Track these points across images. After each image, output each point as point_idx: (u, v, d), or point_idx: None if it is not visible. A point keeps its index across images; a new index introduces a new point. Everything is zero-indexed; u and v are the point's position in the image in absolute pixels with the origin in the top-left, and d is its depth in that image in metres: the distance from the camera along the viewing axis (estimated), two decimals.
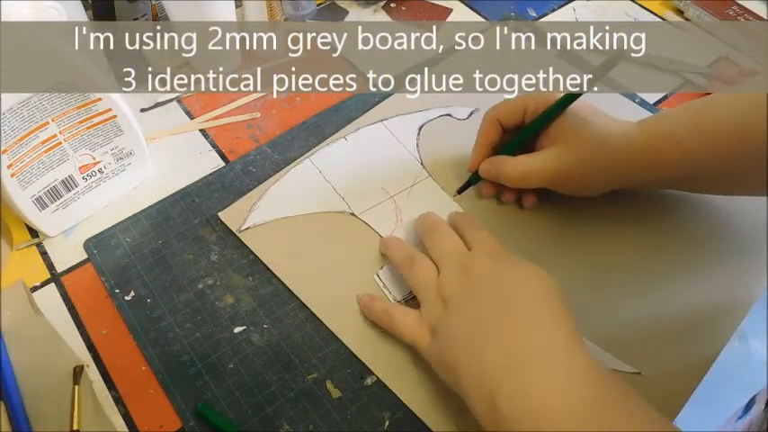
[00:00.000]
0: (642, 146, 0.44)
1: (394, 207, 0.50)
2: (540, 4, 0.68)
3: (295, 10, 0.65)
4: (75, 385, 0.41)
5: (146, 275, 0.47)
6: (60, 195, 0.48)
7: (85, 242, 0.49)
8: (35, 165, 0.45)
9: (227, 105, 0.58)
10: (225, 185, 0.52)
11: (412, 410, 0.40)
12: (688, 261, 0.47)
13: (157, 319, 0.44)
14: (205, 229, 0.49)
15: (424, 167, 0.53)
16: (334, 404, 0.41)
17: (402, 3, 0.68)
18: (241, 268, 0.47)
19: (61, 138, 0.45)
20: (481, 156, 0.49)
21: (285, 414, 0.41)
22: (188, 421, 0.40)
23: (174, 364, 0.42)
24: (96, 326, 0.45)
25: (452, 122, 0.56)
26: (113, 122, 0.47)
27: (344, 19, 0.67)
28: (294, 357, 0.43)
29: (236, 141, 0.56)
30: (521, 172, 0.46)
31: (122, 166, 0.51)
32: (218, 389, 0.42)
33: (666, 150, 0.44)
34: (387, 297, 0.45)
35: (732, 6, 0.66)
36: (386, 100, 0.58)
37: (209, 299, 0.45)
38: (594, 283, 0.46)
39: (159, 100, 0.58)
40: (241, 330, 0.44)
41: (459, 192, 0.50)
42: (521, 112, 0.47)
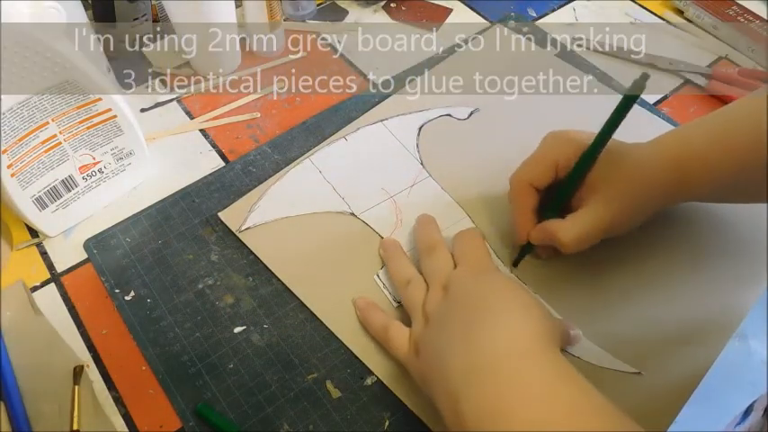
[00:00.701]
0: (671, 170, 0.43)
1: (394, 207, 0.50)
2: (540, 4, 0.68)
3: (295, 10, 0.66)
4: (76, 385, 0.41)
5: (146, 275, 0.47)
6: (60, 195, 0.48)
7: (85, 242, 0.49)
8: (35, 165, 0.45)
9: (227, 105, 0.58)
10: (225, 185, 0.52)
11: (412, 410, 0.40)
12: (688, 261, 0.47)
13: (157, 319, 0.44)
14: (205, 229, 0.49)
15: (424, 167, 0.53)
16: (334, 404, 0.41)
17: (402, 3, 0.68)
18: (241, 268, 0.47)
19: (61, 138, 0.45)
20: (527, 225, 0.45)
21: (285, 414, 0.41)
22: (188, 421, 0.40)
23: (174, 364, 0.42)
24: (96, 326, 0.45)
25: (452, 122, 0.56)
26: (113, 122, 0.47)
27: (344, 19, 0.67)
28: (294, 357, 0.43)
29: (236, 141, 0.56)
30: (576, 237, 0.42)
31: (122, 166, 0.51)
32: (218, 389, 0.42)
33: (694, 171, 0.43)
34: (386, 298, 0.45)
35: (732, 6, 0.66)
36: (386, 100, 0.58)
37: (210, 299, 0.45)
38: (594, 283, 0.46)
39: (159, 100, 0.58)
40: (241, 330, 0.44)
41: (515, 264, 0.47)
42: (552, 171, 0.44)
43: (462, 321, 0.37)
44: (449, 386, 0.35)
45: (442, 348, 0.37)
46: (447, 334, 0.37)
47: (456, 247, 0.45)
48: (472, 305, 0.38)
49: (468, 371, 0.34)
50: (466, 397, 0.33)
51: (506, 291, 0.38)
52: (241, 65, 0.62)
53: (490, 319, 0.36)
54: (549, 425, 0.31)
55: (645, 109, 0.57)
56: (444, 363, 0.36)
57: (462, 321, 0.37)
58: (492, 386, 0.33)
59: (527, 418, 0.31)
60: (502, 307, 0.37)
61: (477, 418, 0.32)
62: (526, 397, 0.32)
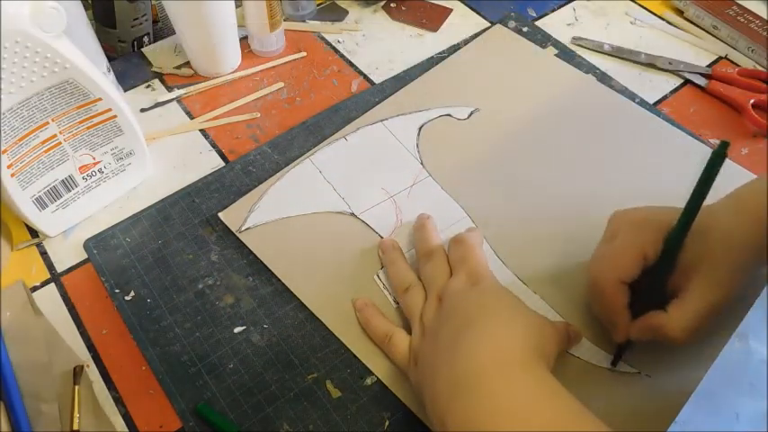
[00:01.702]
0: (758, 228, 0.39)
1: (394, 207, 0.50)
2: (540, 4, 0.68)
3: (295, 10, 0.66)
4: (76, 385, 0.41)
5: (146, 275, 0.47)
6: (60, 195, 0.48)
7: (85, 242, 0.49)
8: (35, 165, 0.45)
9: (227, 105, 0.58)
10: (225, 185, 0.52)
11: (412, 411, 0.40)
12: None
13: (157, 319, 0.44)
14: (205, 229, 0.49)
15: (424, 167, 0.53)
16: (334, 404, 0.41)
17: (402, 3, 0.68)
18: (241, 268, 0.47)
19: (61, 138, 0.45)
20: (625, 323, 0.41)
21: (285, 414, 0.41)
22: (188, 421, 0.40)
23: (174, 364, 0.42)
24: (96, 326, 0.45)
25: (452, 122, 0.56)
26: (113, 122, 0.47)
27: (344, 19, 0.67)
28: (294, 357, 0.43)
29: (236, 141, 0.56)
30: (688, 327, 0.39)
31: (122, 166, 0.51)
32: (218, 389, 0.42)
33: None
34: (386, 298, 0.45)
35: (732, 6, 0.66)
36: (386, 100, 0.58)
37: (210, 299, 0.45)
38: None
39: (159, 100, 0.58)
40: (241, 330, 0.44)
41: (614, 364, 0.43)
42: (641, 262, 0.40)
43: (451, 334, 0.37)
44: (438, 399, 0.35)
45: (434, 361, 0.37)
46: (439, 346, 0.37)
47: (452, 254, 0.44)
48: (462, 318, 0.37)
49: (454, 384, 0.34)
50: (450, 410, 0.33)
51: (495, 303, 0.38)
52: (241, 65, 0.62)
53: (475, 331, 0.36)
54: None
55: (645, 109, 0.57)
56: (435, 375, 0.36)
57: (451, 334, 0.37)
58: (474, 400, 0.33)
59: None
60: (487, 320, 0.37)
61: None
62: (507, 411, 0.32)
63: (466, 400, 0.33)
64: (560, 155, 0.54)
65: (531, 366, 0.34)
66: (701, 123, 0.57)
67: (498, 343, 0.35)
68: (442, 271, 0.43)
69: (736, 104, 0.58)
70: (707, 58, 0.63)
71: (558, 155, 0.54)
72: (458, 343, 0.36)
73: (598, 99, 0.58)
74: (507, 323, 0.36)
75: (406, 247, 0.48)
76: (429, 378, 0.37)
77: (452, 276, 0.42)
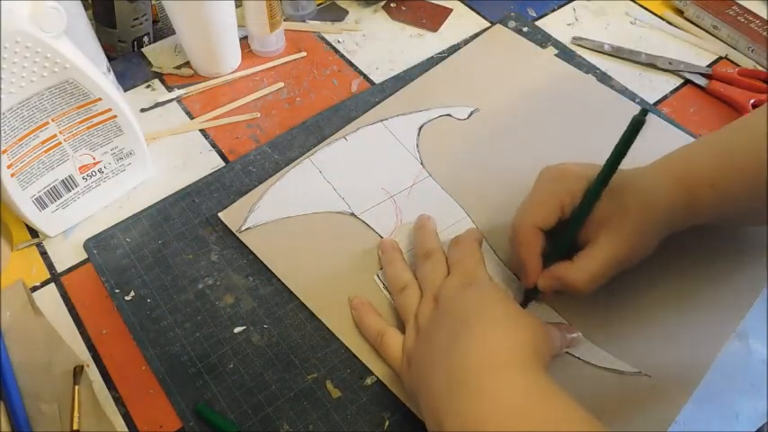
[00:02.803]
0: (677, 193, 0.41)
1: (394, 207, 0.50)
2: (540, 4, 0.68)
3: (295, 10, 0.66)
4: (76, 385, 0.41)
5: (146, 275, 0.47)
6: (60, 195, 0.48)
7: (85, 242, 0.49)
8: (35, 165, 0.45)
9: (227, 105, 0.58)
10: (225, 185, 0.52)
11: (412, 411, 0.40)
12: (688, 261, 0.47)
13: (157, 319, 0.44)
14: (205, 229, 0.49)
15: (424, 167, 0.53)
16: (334, 404, 0.41)
17: (402, 3, 0.68)
18: (241, 268, 0.47)
19: (61, 138, 0.45)
20: (536, 270, 0.42)
21: (285, 414, 0.41)
22: (188, 421, 0.40)
23: (174, 364, 0.42)
24: (96, 326, 0.45)
25: (452, 122, 0.56)
26: (113, 122, 0.47)
27: (344, 19, 0.67)
28: (294, 357, 0.43)
29: (236, 141, 0.56)
30: (588, 279, 0.40)
31: (122, 166, 0.51)
32: (218, 389, 0.42)
33: (702, 195, 0.41)
34: (386, 298, 0.45)
35: (732, 6, 0.66)
36: (386, 100, 0.58)
37: (210, 299, 0.45)
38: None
39: (159, 100, 0.58)
40: (241, 330, 0.44)
41: (524, 306, 0.44)
42: (558, 210, 0.41)
43: (446, 336, 0.37)
44: (433, 402, 0.35)
45: (429, 363, 0.37)
46: (433, 348, 0.37)
47: (450, 254, 0.44)
48: (457, 319, 0.37)
49: (450, 385, 0.34)
50: (447, 413, 0.33)
51: (489, 304, 0.38)
52: (241, 65, 0.62)
53: (471, 333, 0.36)
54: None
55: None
56: (429, 377, 0.36)
57: (446, 336, 0.37)
58: (469, 402, 0.33)
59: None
60: (481, 322, 0.36)
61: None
62: (503, 413, 0.32)
63: (464, 401, 0.33)
64: (560, 155, 0.54)
65: (528, 367, 0.34)
66: (701, 123, 0.57)
67: (494, 344, 0.35)
68: (440, 271, 0.43)
69: (737, 104, 0.58)
70: (707, 58, 0.63)
71: (558, 155, 0.54)
72: (453, 344, 0.35)
73: (598, 99, 0.58)
74: (502, 324, 0.36)
75: (405, 248, 0.48)
76: (424, 379, 0.36)
77: (449, 276, 0.42)
